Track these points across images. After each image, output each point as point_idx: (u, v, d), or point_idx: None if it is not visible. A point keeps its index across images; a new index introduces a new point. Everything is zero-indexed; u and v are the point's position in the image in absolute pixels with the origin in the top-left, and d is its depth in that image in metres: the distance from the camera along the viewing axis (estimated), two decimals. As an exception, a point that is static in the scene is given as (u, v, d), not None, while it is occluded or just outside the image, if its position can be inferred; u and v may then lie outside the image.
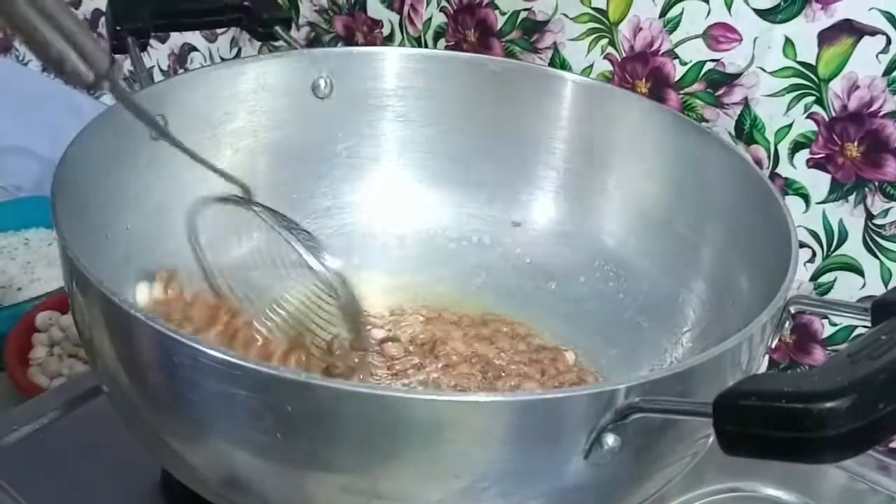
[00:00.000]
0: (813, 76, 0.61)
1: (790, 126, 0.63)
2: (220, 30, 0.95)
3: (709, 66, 0.65)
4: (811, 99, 0.62)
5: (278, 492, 0.41)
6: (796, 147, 0.64)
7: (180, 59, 1.02)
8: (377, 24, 0.82)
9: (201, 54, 0.99)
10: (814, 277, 0.66)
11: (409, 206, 0.68)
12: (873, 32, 0.58)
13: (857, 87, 0.60)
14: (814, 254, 0.65)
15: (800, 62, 0.61)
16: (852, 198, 0.62)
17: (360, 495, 0.39)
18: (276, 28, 0.66)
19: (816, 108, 0.62)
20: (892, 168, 0.60)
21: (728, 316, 0.54)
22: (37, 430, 0.60)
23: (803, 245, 0.65)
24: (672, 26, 0.66)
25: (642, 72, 0.68)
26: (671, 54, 0.67)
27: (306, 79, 0.64)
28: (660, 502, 0.46)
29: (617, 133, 0.64)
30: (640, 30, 0.67)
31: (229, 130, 0.62)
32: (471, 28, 0.76)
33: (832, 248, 0.64)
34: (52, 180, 0.47)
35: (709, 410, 0.33)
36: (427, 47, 0.79)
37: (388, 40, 0.82)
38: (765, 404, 0.31)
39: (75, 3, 1.08)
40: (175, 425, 0.43)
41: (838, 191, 0.63)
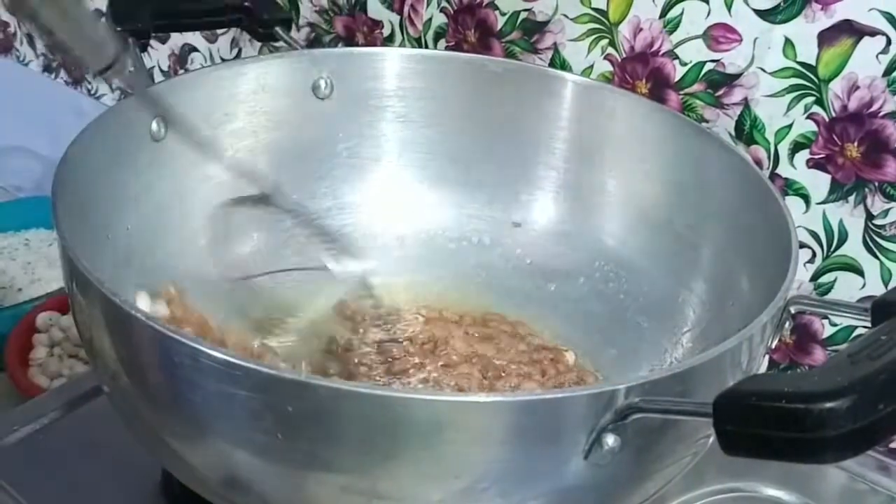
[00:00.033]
0: (813, 76, 0.61)
1: (790, 126, 0.63)
2: (220, 30, 0.95)
3: (709, 66, 0.65)
4: (811, 99, 0.62)
5: (278, 492, 0.41)
6: (796, 147, 0.64)
7: (181, 60, 1.02)
8: (377, 24, 0.82)
9: (201, 55, 0.99)
10: (814, 278, 0.66)
11: (409, 206, 0.68)
12: (873, 33, 0.58)
13: (857, 88, 0.60)
14: (814, 254, 0.65)
15: (800, 62, 0.61)
16: (852, 198, 0.62)
17: (360, 495, 0.39)
18: (277, 29, 0.66)
19: (816, 109, 0.62)
20: (892, 168, 0.60)
21: (728, 316, 0.54)
22: (37, 431, 0.60)
23: (803, 245, 0.65)
24: (672, 27, 0.66)
25: (642, 72, 0.68)
26: (671, 55, 0.67)
27: (307, 79, 0.64)
28: (660, 502, 0.46)
29: (617, 133, 0.64)
30: (641, 30, 0.67)
31: (229, 131, 0.62)
32: (471, 28, 0.76)
33: (832, 249, 0.64)
34: (52, 180, 0.47)
35: (709, 410, 0.33)
36: (427, 48, 0.79)
37: (388, 41, 0.82)
38: (765, 404, 0.31)
39: (76, 3, 1.08)
40: (175, 425, 0.43)
41: (838, 191, 0.63)
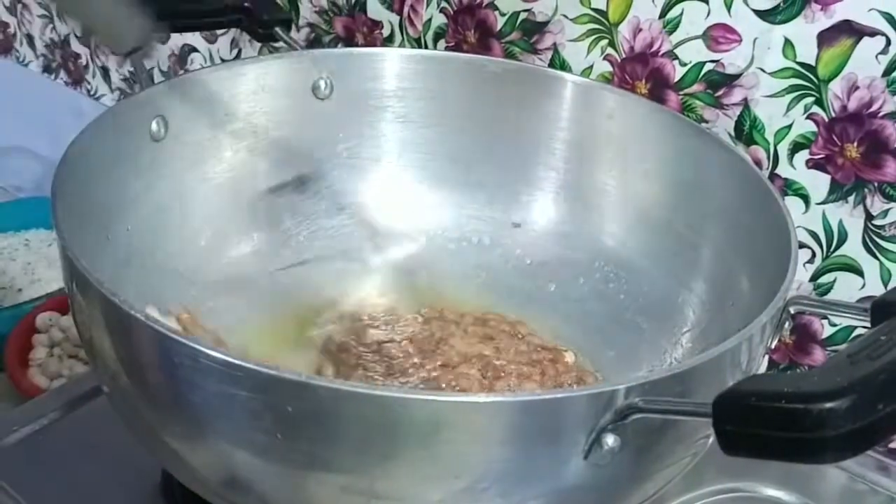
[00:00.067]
0: (812, 77, 0.61)
1: (790, 127, 0.63)
2: (220, 31, 0.95)
3: (708, 66, 0.65)
4: (811, 100, 0.62)
5: (278, 492, 0.41)
6: (796, 148, 0.64)
7: (180, 60, 1.02)
8: (377, 25, 0.82)
9: (201, 55, 0.99)
10: (814, 278, 0.66)
11: (409, 206, 0.68)
12: (873, 33, 0.58)
13: (857, 88, 0.60)
14: (813, 254, 0.65)
15: (799, 63, 0.61)
16: (852, 198, 0.62)
17: (359, 495, 0.39)
18: (277, 29, 0.66)
19: (816, 109, 0.62)
20: (891, 169, 0.60)
21: (728, 316, 0.54)
22: (37, 431, 0.60)
23: (803, 245, 0.65)
24: (672, 27, 0.66)
25: (642, 72, 0.68)
26: (671, 55, 0.67)
27: (306, 80, 0.64)
28: (660, 502, 0.46)
29: (617, 134, 0.64)
30: (640, 31, 0.67)
31: (229, 131, 0.62)
32: (471, 29, 0.76)
33: (832, 249, 0.64)
34: (52, 181, 0.47)
35: (708, 411, 0.33)
36: (427, 48, 0.79)
37: (387, 41, 0.82)
38: (765, 404, 0.31)
39: (75, 3, 1.08)
40: (175, 426, 0.43)
41: (838, 191, 0.63)
